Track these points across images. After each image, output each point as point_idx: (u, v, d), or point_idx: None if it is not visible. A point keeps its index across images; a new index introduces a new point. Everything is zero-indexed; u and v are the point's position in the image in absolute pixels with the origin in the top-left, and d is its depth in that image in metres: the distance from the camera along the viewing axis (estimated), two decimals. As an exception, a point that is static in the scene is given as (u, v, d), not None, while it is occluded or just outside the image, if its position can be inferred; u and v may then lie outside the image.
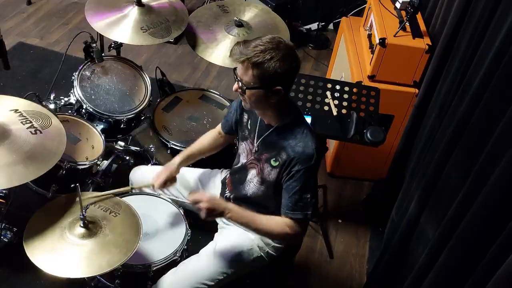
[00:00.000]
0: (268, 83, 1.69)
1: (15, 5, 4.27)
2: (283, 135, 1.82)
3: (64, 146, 1.96)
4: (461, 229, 1.64)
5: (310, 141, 1.78)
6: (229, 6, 2.72)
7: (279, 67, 1.65)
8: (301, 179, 1.78)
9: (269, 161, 1.85)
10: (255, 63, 1.65)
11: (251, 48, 1.65)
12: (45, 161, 1.86)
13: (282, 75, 1.67)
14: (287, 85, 1.75)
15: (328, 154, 3.27)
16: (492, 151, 1.57)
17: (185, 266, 2.00)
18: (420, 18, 2.83)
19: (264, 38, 1.68)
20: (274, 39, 1.68)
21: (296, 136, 1.80)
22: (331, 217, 3.04)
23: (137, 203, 2.04)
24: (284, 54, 1.65)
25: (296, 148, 1.78)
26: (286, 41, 1.70)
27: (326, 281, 2.71)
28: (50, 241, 1.78)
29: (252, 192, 1.97)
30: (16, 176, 1.77)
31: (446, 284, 1.72)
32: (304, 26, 4.49)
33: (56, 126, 2.01)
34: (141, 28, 2.45)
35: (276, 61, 1.64)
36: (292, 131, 1.81)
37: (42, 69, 3.65)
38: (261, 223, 1.84)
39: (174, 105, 2.74)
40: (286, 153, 1.80)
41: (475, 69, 1.91)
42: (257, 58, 1.64)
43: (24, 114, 1.98)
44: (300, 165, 1.77)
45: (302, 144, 1.78)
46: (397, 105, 2.85)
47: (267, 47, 1.65)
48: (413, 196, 2.24)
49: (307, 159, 1.77)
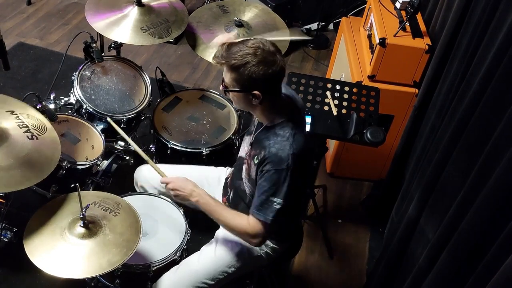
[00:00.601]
0: (245, 87, 1.70)
1: (15, 5, 4.27)
2: (268, 134, 1.81)
3: (59, 154, 1.95)
4: (461, 229, 1.64)
5: (289, 145, 1.74)
6: (229, 6, 2.72)
7: (254, 72, 1.65)
8: (271, 180, 1.75)
9: (253, 158, 1.84)
10: (231, 67, 1.68)
11: (231, 52, 1.67)
12: (42, 168, 1.86)
13: (258, 80, 1.67)
14: (267, 90, 1.72)
15: (328, 154, 3.27)
16: (492, 151, 1.57)
17: (186, 265, 2.00)
18: (420, 18, 2.83)
19: (248, 42, 1.69)
20: (254, 44, 1.67)
21: (277, 138, 1.77)
22: (331, 217, 3.04)
23: (137, 203, 2.04)
24: (260, 59, 1.65)
25: (271, 149, 1.75)
26: (267, 46, 1.68)
27: (326, 281, 2.71)
28: (50, 241, 1.78)
29: (247, 189, 1.96)
30: (13, 181, 1.77)
31: (446, 284, 1.72)
32: (304, 26, 4.49)
33: (51, 134, 2.01)
34: (141, 28, 2.45)
35: (251, 66, 1.64)
36: (277, 132, 1.79)
37: (42, 69, 3.65)
38: (225, 216, 1.86)
39: (174, 105, 2.74)
40: (263, 152, 1.78)
41: (475, 69, 1.91)
42: (234, 61, 1.66)
43: (20, 117, 1.98)
44: (270, 165, 1.74)
45: (278, 146, 1.75)
46: (397, 105, 2.85)
47: (244, 52, 1.65)
48: (413, 196, 2.24)
49: (278, 162, 1.73)
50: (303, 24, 4.50)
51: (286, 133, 1.77)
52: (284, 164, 1.73)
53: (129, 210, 1.96)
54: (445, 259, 1.72)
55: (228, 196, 2.10)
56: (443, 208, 1.91)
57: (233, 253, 2.00)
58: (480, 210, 1.55)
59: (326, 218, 3.03)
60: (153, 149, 2.66)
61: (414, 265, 2.02)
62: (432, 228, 2.04)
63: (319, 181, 3.23)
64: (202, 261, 1.99)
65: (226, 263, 1.99)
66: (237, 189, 2.02)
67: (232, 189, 2.08)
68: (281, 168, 1.73)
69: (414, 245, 2.20)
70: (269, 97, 1.75)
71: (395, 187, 2.80)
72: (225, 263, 1.98)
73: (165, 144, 2.51)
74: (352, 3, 4.24)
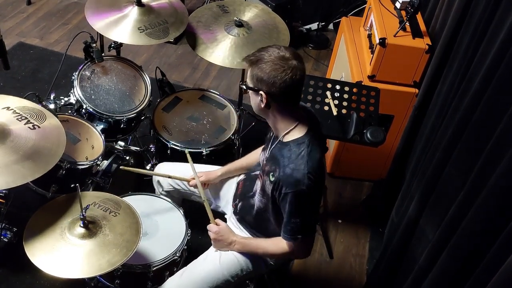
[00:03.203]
0: (255, 85, 1.70)
1: (15, 5, 4.27)
2: (283, 152, 1.77)
3: (64, 137, 1.97)
4: (461, 229, 1.64)
5: (304, 164, 1.70)
6: (229, 6, 2.72)
7: (262, 70, 1.65)
8: (291, 202, 1.74)
9: (269, 174, 1.82)
10: (249, 62, 1.70)
11: (256, 51, 1.70)
12: (52, 154, 1.87)
13: (264, 80, 1.66)
14: (272, 94, 1.68)
15: (328, 154, 3.27)
16: (492, 151, 1.57)
17: (191, 271, 1.99)
18: (420, 18, 2.83)
19: (273, 45, 1.70)
20: (273, 47, 1.68)
21: (291, 156, 1.73)
22: (331, 217, 3.04)
23: (137, 203, 2.04)
24: (271, 60, 1.64)
25: (286, 169, 1.72)
26: (283, 51, 1.66)
27: (326, 281, 2.70)
28: (50, 241, 1.78)
29: (257, 206, 1.96)
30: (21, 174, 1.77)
31: (446, 284, 1.72)
32: (304, 26, 4.49)
33: (51, 120, 2.01)
34: (139, 28, 2.45)
35: (262, 64, 1.65)
36: (291, 149, 1.75)
37: (42, 69, 3.65)
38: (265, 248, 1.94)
39: (174, 105, 2.73)
40: (278, 171, 1.76)
41: (475, 69, 1.91)
42: (252, 57, 1.69)
43: (17, 111, 1.98)
44: (287, 188, 1.72)
45: (293, 166, 1.71)
46: (397, 105, 2.85)
47: (262, 51, 1.68)
48: (413, 196, 2.24)
49: (295, 183, 1.70)
50: (303, 24, 4.50)
51: (301, 151, 1.73)
52: (302, 185, 1.70)
53: (129, 210, 1.96)
54: (445, 259, 1.72)
55: (236, 203, 2.11)
56: (443, 208, 1.91)
57: (238, 262, 2.00)
58: (480, 210, 1.55)
59: (326, 218, 3.03)
60: (153, 149, 2.65)
61: (414, 265, 2.02)
62: (432, 228, 2.04)
63: (319, 181, 3.23)
64: (207, 268, 1.98)
65: (230, 273, 1.98)
66: (246, 203, 2.03)
67: (241, 200, 2.08)
68: (299, 190, 1.71)
69: (414, 245, 2.19)
70: (276, 104, 1.72)
71: (395, 187, 2.79)
72: (230, 273, 1.98)
73: (165, 144, 2.51)
74: (352, 3, 4.24)
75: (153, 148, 2.66)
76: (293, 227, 1.79)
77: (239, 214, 2.09)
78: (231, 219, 2.15)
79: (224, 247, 2.00)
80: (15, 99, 2.06)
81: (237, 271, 1.99)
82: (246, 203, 2.03)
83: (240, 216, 2.09)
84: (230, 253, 2.01)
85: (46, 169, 1.82)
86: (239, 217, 2.09)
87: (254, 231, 2.05)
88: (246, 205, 2.02)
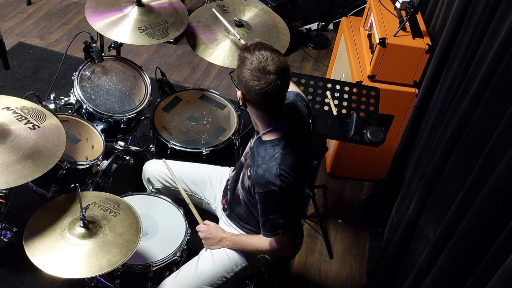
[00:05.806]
0: (238, 82, 1.68)
1: (15, 5, 4.28)
2: (259, 149, 1.77)
3: (64, 137, 1.96)
4: (461, 229, 1.64)
5: (276, 166, 1.69)
6: (229, 6, 2.71)
7: (241, 73, 1.63)
8: (263, 201, 1.75)
9: (248, 168, 1.83)
10: (238, 57, 1.67)
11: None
12: (50, 154, 1.87)
13: (241, 81, 1.64)
14: (248, 99, 1.67)
15: (328, 154, 3.27)
16: (492, 151, 1.57)
17: (185, 271, 1.99)
18: (420, 18, 2.83)
19: (267, 49, 1.64)
20: (262, 54, 1.61)
21: (265, 157, 1.73)
22: (331, 217, 3.04)
23: (137, 203, 2.04)
24: (251, 68, 1.60)
25: (258, 170, 1.72)
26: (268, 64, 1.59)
27: (326, 281, 2.71)
28: (50, 241, 1.78)
29: (240, 196, 1.95)
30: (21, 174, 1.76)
31: (446, 284, 1.72)
32: (304, 26, 4.49)
33: (51, 120, 2.01)
34: (138, 28, 2.45)
35: (243, 67, 1.62)
36: (266, 149, 1.75)
37: (42, 69, 3.65)
38: (253, 245, 1.94)
39: (174, 105, 2.74)
40: (253, 169, 1.77)
41: (475, 69, 1.91)
42: (241, 53, 1.65)
43: (17, 111, 1.98)
44: (259, 188, 1.73)
45: (265, 167, 1.71)
46: (397, 105, 2.85)
47: (249, 54, 1.63)
48: (413, 196, 2.24)
49: (265, 184, 1.70)
50: (303, 24, 4.50)
51: (275, 153, 1.72)
52: (273, 186, 1.69)
53: (129, 210, 1.96)
54: (445, 259, 1.72)
55: (226, 199, 2.10)
56: (443, 208, 1.91)
57: (232, 258, 2.00)
58: (480, 210, 1.55)
59: (326, 218, 3.03)
60: (153, 149, 2.65)
61: (414, 265, 2.02)
62: (432, 228, 2.04)
63: (319, 181, 3.23)
64: (201, 267, 1.99)
65: (225, 268, 1.99)
66: (234, 194, 2.03)
67: (230, 192, 2.08)
68: (270, 190, 1.70)
69: (414, 245, 2.19)
70: (252, 108, 1.72)
71: (395, 187, 2.79)
72: (224, 269, 1.98)
73: (165, 144, 2.51)
74: (352, 3, 4.24)
75: (153, 148, 2.65)
76: (271, 224, 1.79)
77: (229, 208, 2.08)
78: (222, 218, 2.15)
79: (214, 245, 2.01)
80: (15, 99, 2.06)
81: (231, 266, 1.99)
82: (235, 194, 2.01)
83: (230, 210, 2.07)
84: (222, 250, 2.01)
85: (46, 169, 1.82)
86: (229, 212, 2.08)
87: (244, 224, 2.04)
88: (235, 196, 2.01)
